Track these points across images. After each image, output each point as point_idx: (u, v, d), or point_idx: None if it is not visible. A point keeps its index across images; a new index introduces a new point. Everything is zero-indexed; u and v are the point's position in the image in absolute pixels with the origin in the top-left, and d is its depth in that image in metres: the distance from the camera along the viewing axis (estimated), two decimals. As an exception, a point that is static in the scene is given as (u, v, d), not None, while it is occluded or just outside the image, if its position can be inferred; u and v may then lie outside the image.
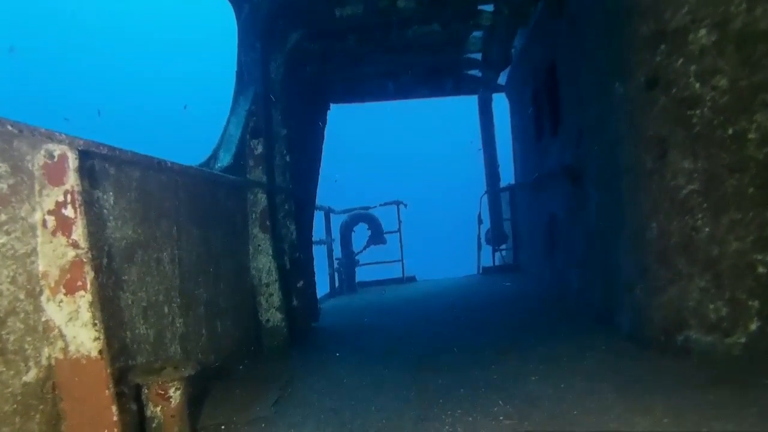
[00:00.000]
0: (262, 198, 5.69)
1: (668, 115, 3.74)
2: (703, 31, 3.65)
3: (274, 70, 6.79)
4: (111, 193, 3.07)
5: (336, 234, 10.94)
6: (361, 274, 11.62)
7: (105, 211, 3.01)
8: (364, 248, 11.38)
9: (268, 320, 5.68)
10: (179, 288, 3.92)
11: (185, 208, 4.13)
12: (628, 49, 4.11)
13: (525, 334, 5.26)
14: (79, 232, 2.36)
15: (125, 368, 2.99)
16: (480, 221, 12.18)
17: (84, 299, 2.33)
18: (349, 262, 11.08)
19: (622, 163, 4.46)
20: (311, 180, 7.97)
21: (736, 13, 3.58)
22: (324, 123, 9.04)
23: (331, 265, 10.58)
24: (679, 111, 3.69)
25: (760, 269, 3.64)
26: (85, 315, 2.32)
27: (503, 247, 12.37)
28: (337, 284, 10.90)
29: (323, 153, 8.68)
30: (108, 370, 2.35)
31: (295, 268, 6.73)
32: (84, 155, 2.56)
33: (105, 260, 2.97)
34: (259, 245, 5.66)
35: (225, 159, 4.93)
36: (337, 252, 10.95)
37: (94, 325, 2.33)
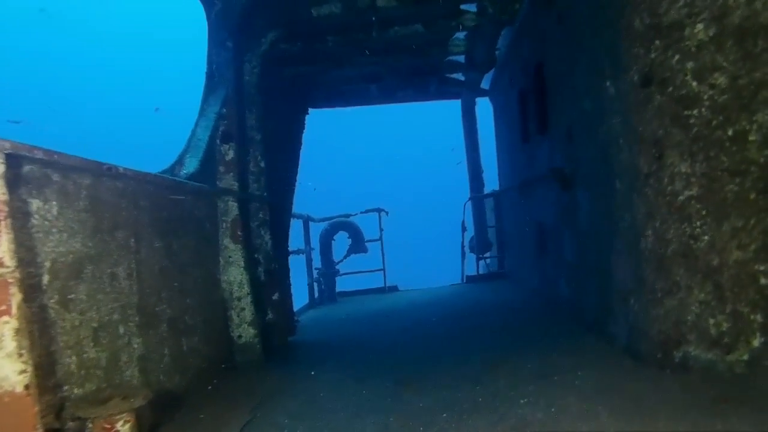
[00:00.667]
0: (233, 206, 5.40)
1: (664, 115, 3.53)
2: (700, 26, 3.44)
3: (248, 71, 6.51)
4: (54, 203, 2.77)
5: (315, 243, 10.63)
6: (342, 284, 11.33)
7: (46, 222, 2.70)
8: (345, 257, 11.09)
9: (240, 336, 5.38)
10: (138, 305, 3.61)
11: (146, 217, 3.83)
12: (620, 44, 3.89)
13: (515, 346, 5.01)
14: (3, 249, 2.07)
15: (68, 399, 2.69)
16: (464, 228, 11.94)
17: (8, 326, 2.04)
18: (329, 271, 10.77)
19: (615, 165, 4.24)
20: (288, 187, 7.68)
21: (735, 6, 3.38)
22: (302, 128, 8.75)
23: (310, 274, 10.26)
24: (676, 110, 3.48)
25: (763, 280, 3.43)
26: (9, 345, 2.02)
27: (487, 255, 12.15)
28: (316, 294, 10.58)
29: (301, 159, 8.38)
30: (36, 408, 2.04)
31: (270, 280, 6.43)
32: (13, 160, 2.26)
33: (45, 278, 2.66)
34: (230, 257, 5.36)
35: (191, 165, 4.63)
36: (317, 261, 10.65)
37: (20, 355, 2.04)
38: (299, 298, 10.44)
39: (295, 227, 10.08)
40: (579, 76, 5.14)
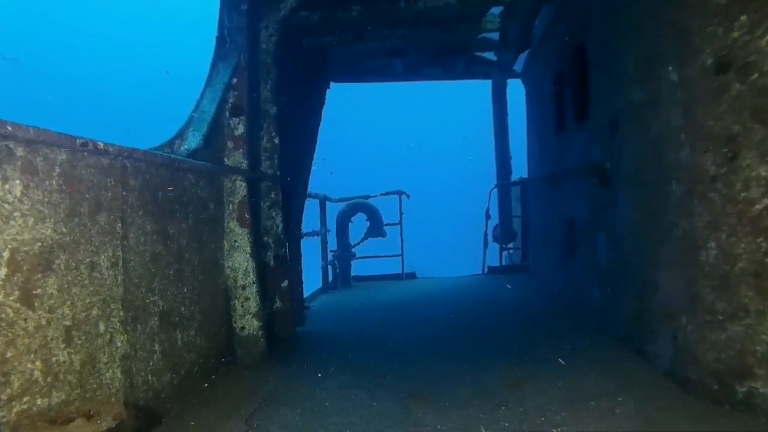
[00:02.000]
0: (241, 186, 4.98)
1: (743, 108, 3.00)
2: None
3: (265, 39, 6.04)
4: (17, 182, 2.36)
5: (332, 224, 10.22)
6: (358, 268, 10.93)
7: (5, 206, 2.30)
8: (362, 240, 10.68)
9: (242, 327, 5.00)
10: (123, 297, 3.22)
11: (137, 198, 3.42)
12: (690, 22, 3.36)
13: (540, 357, 4.56)
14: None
15: (25, 414, 2.30)
16: (488, 217, 11.45)
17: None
18: (344, 254, 10.38)
19: (670, 164, 3.73)
20: (304, 166, 7.24)
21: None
22: (322, 103, 8.28)
23: (325, 257, 9.88)
24: (759, 102, 2.95)
25: None
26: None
27: (510, 245, 11.65)
28: (330, 278, 10.21)
29: (319, 136, 7.92)
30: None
31: (280, 266, 6.04)
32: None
33: (2, 272, 2.27)
34: (235, 241, 4.96)
35: (194, 140, 4.20)
36: (332, 243, 10.25)
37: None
38: (313, 281, 10.10)
39: (311, 207, 9.68)
40: (629, 60, 4.59)
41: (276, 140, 6.12)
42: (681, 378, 3.56)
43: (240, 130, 5.05)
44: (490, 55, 10.93)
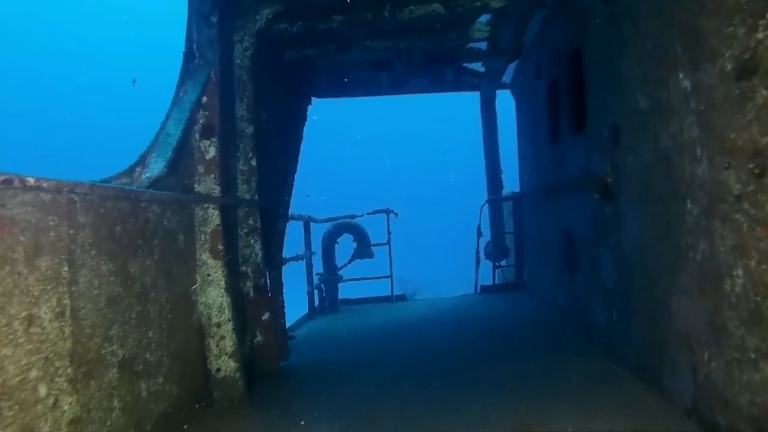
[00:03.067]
0: (214, 215, 4.60)
1: (771, 119, 2.68)
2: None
3: (239, 53, 5.71)
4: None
5: (317, 246, 9.84)
6: (345, 291, 10.53)
7: None
8: (349, 262, 10.30)
9: (218, 369, 4.59)
10: (72, 352, 2.82)
11: (88, 236, 3.03)
12: (705, 23, 3.05)
13: (547, 392, 4.20)
14: None
15: None
16: (479, 233, 11.13)
17: None
18: (331, 277, 9.99)
19: (684, 179, 3.41)
20: (285, 187, 6.88)
21: None
22: (303, 120, 7.93)
23: (310, 282, 9.47)
24: (790, 112, 2.64)
25: None
26: None
27: (503, 262, 11.30)
28: (317, 303, 9.80)
29: (300, 155, 7.56)
30: None
31: (260, 297, 5.67)
32: None
33: None
34: (209, 275, 4.57)
35: (157, 167, 3.82)
36: (318, 266, 9.85)
37: None
38: (299, 306, 9.70)
39: (295, 230, 9.32)
40: (631, 66, 4.30)
41: (253, 162, 5.76)
42: (708, 421, 3.21)
43: (212, 153, 4.69)
44: (479, 66, 10.68)
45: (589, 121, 5.59)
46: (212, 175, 4.66)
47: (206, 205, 4.58)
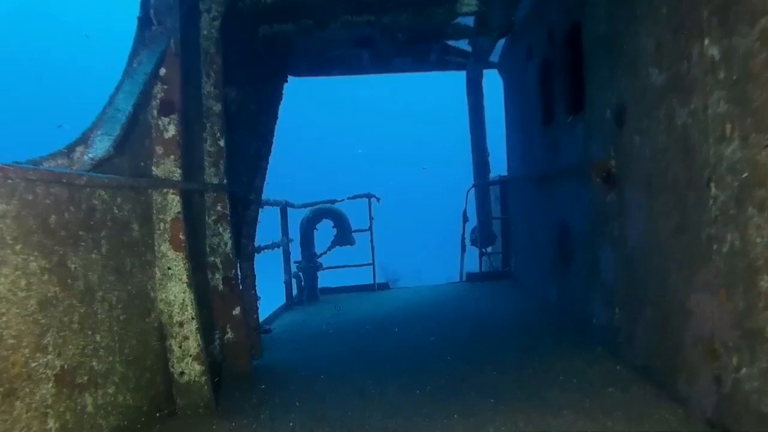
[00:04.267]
0: (174, 201, 4.10)
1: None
2: None
3: (206, 23, 5.18)
4: None
5: (295, 233, 9.35)
6: (325, 280, 10.08)
7: None
8: (329, 249, 9.83)
9: (182, 373, 4.12)
10: (-10, 368, 2.35)
11: (10, 229, 2.54)
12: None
13: (548, 399, 3.81)
14: None
15: None
16: (465, 219, 10.73)
17: None
18: (310, 266, 9.52)
19: (709, 161, 2.99)
20: (257, 171, 6.37)
21: None
22: (278, 99, 7.40)
23: (288, 271, 8.99)
24: None
25: None
26: None
27: (489, 249, 10.92)
28: (295, 292, 9.34)
29: (275, 136, 7.04)
30: None
31: (230, 290, 5.19)
32: None
33: None
34: (169, 268, 4.08)
35: (102, 146, 3.30)
36: (296, 254, 9.37)
37: None
38: (275, 297, 9.25)
39: (271, 216, 8.84)
40: (642, 37, 3.86)
41: (221, 143, 5.26)
42: (734, 436, 2.84)
43: (171, 131, 4.17)
44: (465, 45, 10.23)
45: (588, 102, 5.17)
46: (172, 157, 4.15)
47: (165, 190, 4.07)
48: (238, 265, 5.42)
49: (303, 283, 9.49)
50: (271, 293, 11.03)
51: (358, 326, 7.05)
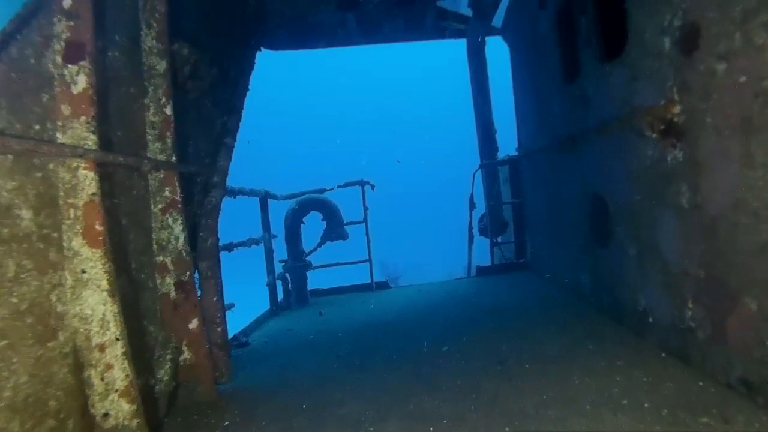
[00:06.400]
0: (86, 179, 3.02)
1: None
2: None
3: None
4: None
5: (278, 228, 8.26)
6: (317, 280, 9.01)
7: None
8: (319, 245, 8.74)
9: (106, 414, 3.05)
10: None
11: None
12: None
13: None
14: None
15: None
16: (472, 205, 9.65)
17: None
18: (297, 265, 8.45)
19: None
20: (222, 149, 5.28)
21: None
22: (248, 68, 6.32)
23: (272, 271, 7.90)
24: None
25: None
26: None
27: (499, 239, 9.82)
28: (281, 296, 8.26)
29: (245, 111, 5.96)
30: None
31: (185, 298, 4.13)
32: None
33: None
34: (83, 271, 3.00)
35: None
36: (281, 252, 8.30)
37: None
38: (260, 302, 8.22)
39: (250, 208, 7.80)
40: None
41: (168, 110, 4.20)
42: None
43: (81, 84, 3.08)
44: (464, 9, 9.19)
45: (633, 35, 4.10)
46: (83, 118, 3.07)
47: (74, 164, 3.00)
48: (196, 265, 4.38)
49: (290, 285, 8.42)
50: (255, 298, 9.96)
51: (353, 335, 5.99)
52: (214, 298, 4.56)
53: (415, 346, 4.99)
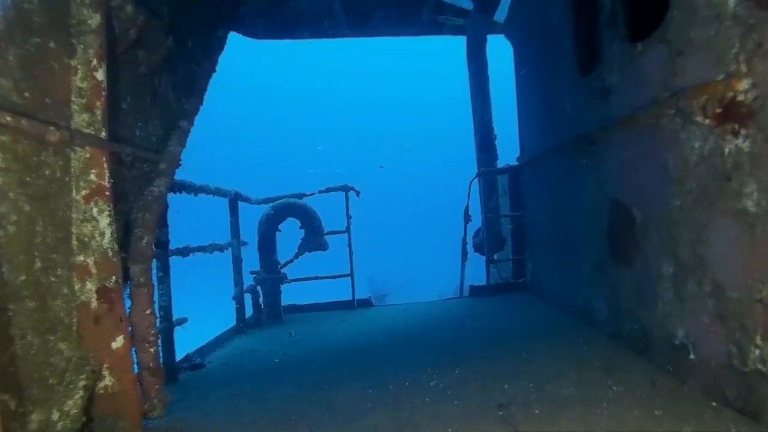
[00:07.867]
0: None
1: None
2: None
3: None
4: None
5: (250, 234, 7.42)
6: (294, 295, 8.17)
7: None
8: (296, 256, 7.91)
9: (-39, 469, 2.22)
10: None
11: None
12: None
13: None
14: None
15: None
16: (468, 218, 8.88)
17: None
18: (271, 277, 7.61)
19: None
20: (174, 131, 4.48)
21: None
22: (218, 47, 5.54)
23: (239, 282, 7.05)
24: None
25: None
26: None
27: (496, 257, 9.00)
28: (251, 312, 7.42)
29: (207, 95, 5.16)
30: None
31: (108, 308, 3.30)
32: None
33: None
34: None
35: None
36: (252, 263, 7.46)
37: None
38: (224, 318, 7.38)
39: (218, 210, 6.97)
40: None
41: (100, 75, 3.41)
42: None
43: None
44: (464, 2, 8.51)
45: (675, 2, 3.37)
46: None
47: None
48: (124, 269, 3.56)
49: (261, 299, 7.58)
50: (220, 312, 9.07)
51: (325, 360, 5.15)
52: (147, 311, 3.72)
53: (396, 379, 4.16)
